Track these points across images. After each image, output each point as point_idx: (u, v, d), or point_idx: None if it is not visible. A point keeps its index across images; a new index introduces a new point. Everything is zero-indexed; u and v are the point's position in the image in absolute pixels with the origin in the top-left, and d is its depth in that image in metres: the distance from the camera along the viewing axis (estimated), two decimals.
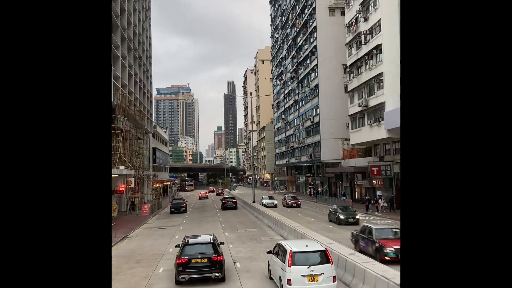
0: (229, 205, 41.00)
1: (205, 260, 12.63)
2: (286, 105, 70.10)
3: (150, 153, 61.62)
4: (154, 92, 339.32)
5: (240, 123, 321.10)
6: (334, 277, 10.65)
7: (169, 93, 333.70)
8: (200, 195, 67.18)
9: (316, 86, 51.81)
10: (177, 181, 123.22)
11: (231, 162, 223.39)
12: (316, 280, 10.49)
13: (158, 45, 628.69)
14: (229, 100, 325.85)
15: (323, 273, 10.51)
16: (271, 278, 12.83)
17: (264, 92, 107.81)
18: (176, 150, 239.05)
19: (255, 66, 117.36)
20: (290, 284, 10.47)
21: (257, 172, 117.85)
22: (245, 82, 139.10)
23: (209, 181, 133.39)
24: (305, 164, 62.26)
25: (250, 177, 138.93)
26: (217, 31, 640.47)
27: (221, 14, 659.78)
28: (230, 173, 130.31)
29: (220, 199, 46.14)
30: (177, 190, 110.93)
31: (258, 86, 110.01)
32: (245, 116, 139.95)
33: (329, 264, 10.72)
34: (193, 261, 12.57)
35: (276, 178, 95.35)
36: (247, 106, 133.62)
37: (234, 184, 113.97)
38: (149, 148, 60.76)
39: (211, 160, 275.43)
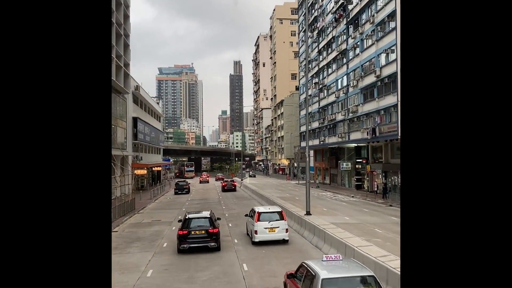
0: (229, 187, 44.96)
1: (203, 232, 14.82)
2: (322, 63, 50.23)
3: (128, 124, 42.15)
4: (156, 72, 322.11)
5: (247, 105, 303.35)
6: (286, 229, 16.28)
7: (172, 73, 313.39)
8: (201, 179, 66.52)
9: (391, 15, 31.90)
10: (174, 166, 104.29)
11: (237, 147, 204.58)
12: (274, 231, 15.98)
13: (166, 27, 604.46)
14: (235, 81, 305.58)
15: (279, 226, 15.99)
16: (247, 234, 17.78)
17: (283, 58, 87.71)
18: (177, 132, 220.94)
19: (270, 28, 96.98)
20: (257, 234, 15.93)
21: (270, 157, 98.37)
22: (256, 51, 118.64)
23: (213, 167, 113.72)
24: (354, 145, 42.68)
25: (260, 163, 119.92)
26: (226, 13, 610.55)
27: None
28: (237, 158, 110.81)
29: (221, 182, 51.95)
30: (174, 176, 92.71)
31: (275, 51, 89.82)
32: (256, 92, 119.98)
33: (283, 220, 16.33)
34: (193, 232, 14.75)
35: (296, 165, 75.91)
36: (259, 79, 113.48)
37: (249, 171, 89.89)
38: (126, 116, 41.27)
39: (215, 145, 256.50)
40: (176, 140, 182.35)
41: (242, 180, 58.90)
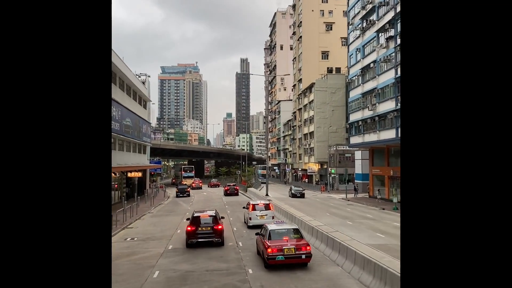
0: (231, 192, 46.26)
1: (209, 228, 16.37)
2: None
3: None
4: (159, 71, 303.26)
5: (253, 107, 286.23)
6: (273, 216, 21.22)
7: (175, 72, 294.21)
8: (193, 184, 61.01)
9: None
10: (173, 170, 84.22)
11: (243, 150, 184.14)
12: (263, 217, 20.74)
13: (174, 30, 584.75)
14: (242, 80, 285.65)
15: (267, 214, 21.12)
16: (244, 222, 22.70)
17: (311, 31, 67.38)
18: (179, 133, 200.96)
19: None
20: (251, 219, 21.07)
21: (291, 160, 77.87)
22: (272, 33, 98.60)
23: (219, 172, 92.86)
24: None
25: (275, 168, 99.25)
26: (234, 17, 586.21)
27: None
28: (244, 162, 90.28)
29: (223, 187, 53.02)
30: (170, 184, 73.08)
31: (300, 23, 69.51)
32: (271, 82, 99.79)
33: (270, 210, 21.61)
34: (200, 229, 16.32)
35: (333, 171, 55.39)
36: (275, 66, 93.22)
37: (292, 188, 46.70)
38: None
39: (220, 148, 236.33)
40: (177, 142, 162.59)
41: (268, 195, 37.79)
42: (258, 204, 21.89)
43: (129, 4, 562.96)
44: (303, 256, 12.40)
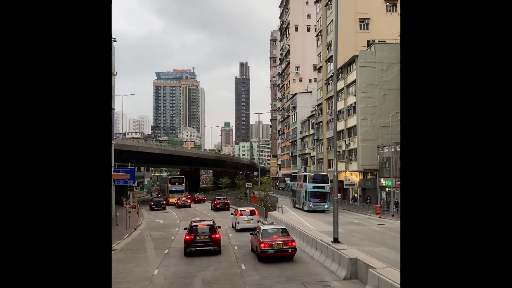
0: (222, 206, 42.98)
1: (206, 237, 17.22)
2: None
3: None
4: (154, 77, 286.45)
5: (253, 117, 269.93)
6: (258, 221, 24.36)
7: (171, 78, 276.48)
8: (179, 202, 49.04)
9: None
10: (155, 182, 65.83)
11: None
12: (250, 222, 24.73)
13: (174, 40, 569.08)
14: (241, 85, 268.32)
15: (252, 219, 25.15)
16: (233, 227, 26.66)
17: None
18: (173, 140, 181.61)
19: None
20: (238, 223, 25.26)
21: (315, 168, 59.18)
22: (284, 12, 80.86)
23: (218, 184, 73.62)
24: None
25: (286, 179, 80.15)
26: (234, 27, 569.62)
27: (240, 9, 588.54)
28: (249, 172, 71.28)
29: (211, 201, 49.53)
30: (151, 200, 54.62)
31: None
32: (281, 73, 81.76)
33: (256, 215, 26.04)
34: (198, 238, 17.20)
35: (388, 183, 36.84)
36: (288, 51, 75.21)
37: None
38: None
39: None
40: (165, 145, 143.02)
41: (339, 240, 16.60)
42: (244, 211, 26.40)
43: (128, 13, 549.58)
44: (289, 250, 15.44)
